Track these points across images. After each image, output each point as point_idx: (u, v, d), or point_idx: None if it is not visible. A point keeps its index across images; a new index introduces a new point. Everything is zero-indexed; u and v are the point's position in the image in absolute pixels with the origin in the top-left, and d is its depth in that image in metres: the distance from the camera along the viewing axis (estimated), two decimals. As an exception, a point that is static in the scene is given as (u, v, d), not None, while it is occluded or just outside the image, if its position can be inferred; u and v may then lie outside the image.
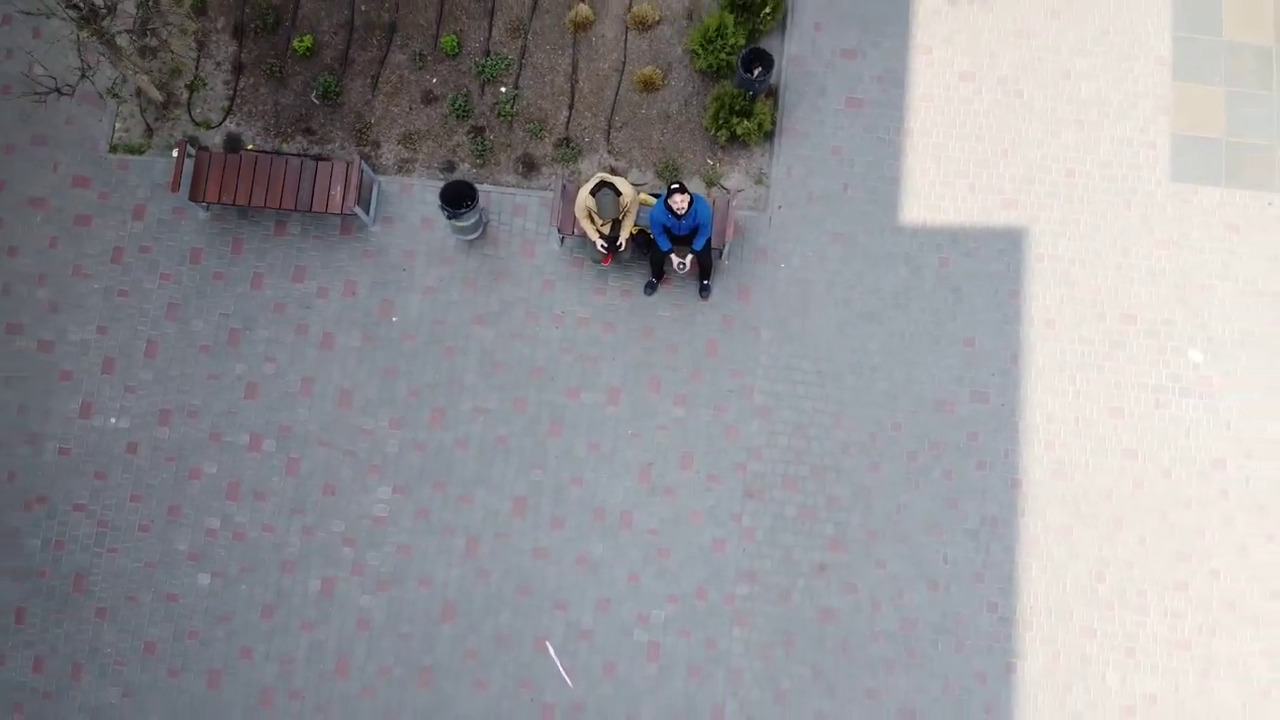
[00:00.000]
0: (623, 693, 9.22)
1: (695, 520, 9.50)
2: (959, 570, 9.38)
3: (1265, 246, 9.92)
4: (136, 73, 9.62)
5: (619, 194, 8.61)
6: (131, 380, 9.86)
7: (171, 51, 10.11)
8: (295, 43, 10.34)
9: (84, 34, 8.31)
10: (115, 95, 10.22)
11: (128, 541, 9.62)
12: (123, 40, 10.12)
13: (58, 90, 8.94)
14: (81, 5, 8.25)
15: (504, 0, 10.49)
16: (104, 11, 8.30)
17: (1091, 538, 9.43)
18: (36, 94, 9.40)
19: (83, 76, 8.81)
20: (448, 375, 9.78)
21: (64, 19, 9.58)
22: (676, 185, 8.53)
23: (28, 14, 9.93)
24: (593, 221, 8.93)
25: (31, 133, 10.33)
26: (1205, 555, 9.43)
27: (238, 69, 10.41)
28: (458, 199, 9.35)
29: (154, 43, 10.25)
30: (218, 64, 10.44)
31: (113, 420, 9.80)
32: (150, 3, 9.96)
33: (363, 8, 10.50)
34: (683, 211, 8.61)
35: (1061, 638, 9.26)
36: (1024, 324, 9.77)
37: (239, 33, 10.49)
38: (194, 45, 10.40)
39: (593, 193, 8.62)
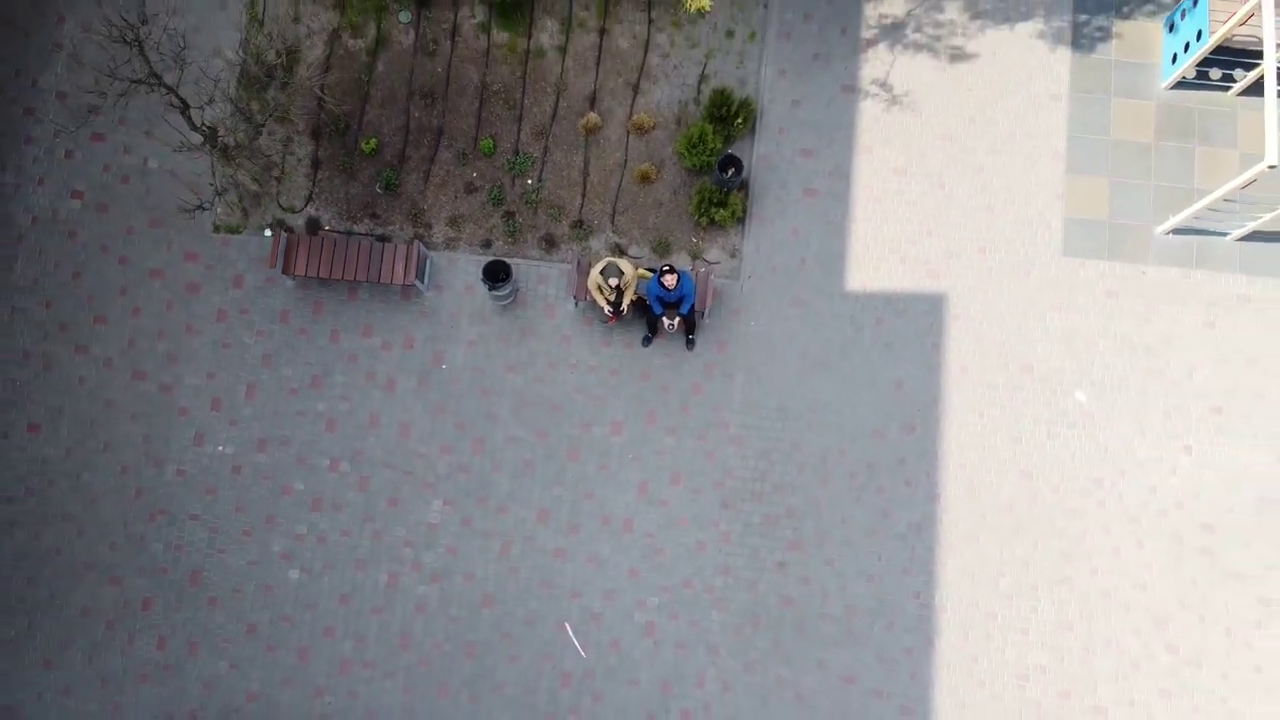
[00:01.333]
0: (625, 662, 11.78)
1: (683, 525, 12.08)
2: (890, 566, 11.94)
3: (1139, 308, 12.49)
4: (239, 170, 12.27)
5: (622, 273, 11.20)
6: (235, 416, 12.46)
7: (264, 154, 12.73)
8: (362, 144, 12.97)
9: (218, 161, 10.95)
10: (219, 191, 12.82)
11: (233, 544, 12.21)
12: (228, 140, 12.76)
13: (200, 207, 11.62)
14: (218, 141, 10.91)
15: (530, 109, 13.11)
16: (236, 148, 10.96)
17: (995, 542, 11.98)
18: (187, 210, 12.07)
19: (217, 194, 11.46)
20: (485, 411, 12.38)
21: (204, 151, 12.15)
22: (667, 267, 11.11)
23: (180, 149, 12.54)
24: (601, 292, 11.51)
25: (149, 216, 12.94)
26: (1086, 556, 11.98)
27: (316, 165, 13.04)
28: (495, 274, 11.96)
29: (251, 145, 12.88)
30: (299, 160, 13.06)
31: (220, 448, 12.40)
32: (249, 115, 12.56)
33: (416, 115, 13.13)
34: (672, 287, 11.19)
35: (970, 620, 11.81)
36: (943, 371, 12.35)
37: (316, 135, 13.12)
38: (281, 146, 13.03)
39: (601, 272, 11.21)
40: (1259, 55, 11.99)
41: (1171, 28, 12.88)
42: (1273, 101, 10.67)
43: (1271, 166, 10.48)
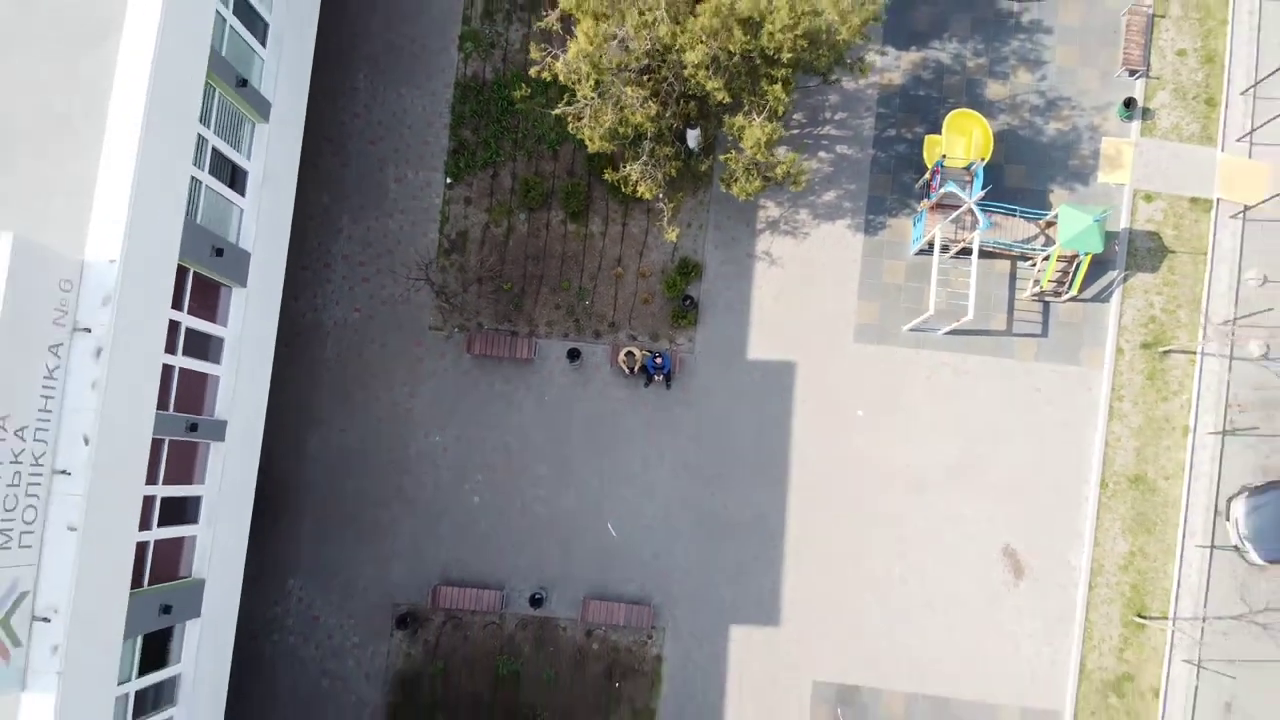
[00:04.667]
0: (632, 541, 24.76)
1: (667, 477, 25.00)
2: (773, 502, 24.85)
3: (891, 369, 25.28)
4: (444, 302, 25.18)
5: (633, 354, 24.10)
6: (443, 423, 25.42)
7: (455, 293, 25.57)
8: (505, 286, 25.85)
9: (435, 297, 23.91)
10: (441, 313, 25.68)
11: (443, 486, 25.17)
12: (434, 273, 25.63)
13: (436, 327, 24.61)
14: (438, 291, 23.86)
15: (586, 264, 25.95)
16: (456, 291, 23.91)
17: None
18: (445, 333, 25.02)
19: (454, 327, 24.44)
20: (566, 421, 25.29)
21: (430, 294, 25.01)
22: (658, 355, 23.98)
23: (411, 289, 25.52)
24: (624, 362, 24.39)
25: (396, 322, 25.80)
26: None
27: (479, 293, 25.92)
28: (572, 354, 24.87)
29: (447, 291, 25.71)
30: (466, 290, 25.93)
31: (436, 438, 25.34)
32: (444, 282, 25.35)
33: (529, 268, 25.98)
34: (659, 361, 24.07)
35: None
36: (794, 396, 25.22)
37: (480, 281, 26.00)
38: (460, 289, 25.90)
39: (625, 353, 24.13)
40: (946, 246, 24.69)
41: (914, 224, 25.63)
42: (934, 275, 23.48)
43: (967, 319, 23.32)
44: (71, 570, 15.83)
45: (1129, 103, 26.06)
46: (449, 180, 26.24)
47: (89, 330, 15.98)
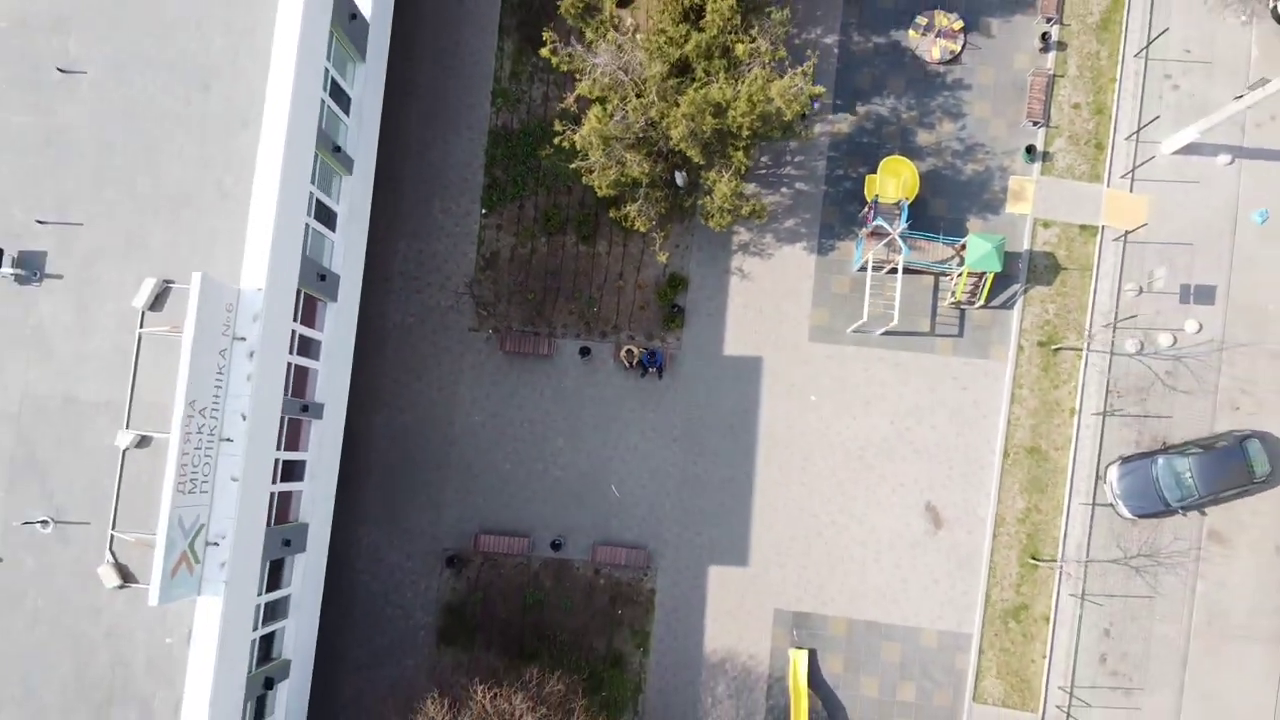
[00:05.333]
0: (631, 499, 31.44)
1: (660, 445, 31.64)
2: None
3: (837, 362, 31.89)
4: (482, 310, 31.75)
5: (633, 350, 30.71)
6: (482, 403, 32.04)
7: (490, 303, 32.12)
8: (529, 296, 32.37)
9: (477, 307, 30.50)
10: (480, 317, 32.25)
11: (483, 452, 31.81)
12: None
13: (474, 329, 31.24)
14: (477, 300, 30.45)
15: (594, 277, 32.47)
16: (491, 301, 30.51)
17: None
18: (482, 335, 31.61)
19: (489, 329, 31.08)
20: (578, 403, 31.92)
21: (470, 303, 31.55)
22: (652, 351, 30.57)
23: (455, 303, 32.17)
24: (624, 357, 30.99)
25: (442, 325, 32.36)
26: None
27: (509, 302, 32.47)
28: (584, 350, 31.48)
29: (486, 301, 32.20)
30: (499, 300, 32.47)
31: (476, 417, 31.95)
32: (485, 293, 31.88)
33: (549, 282, 32.48)
34: (654, 356, 30.67)
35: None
36: (761, 383, 31.83)
37: (509, 300, 32.56)
38: (493, 299, 32.45)
39: (626, 350, 30.74)
40: (878, 266, 31.13)
41: (856, 247, 32.12)
42: (868, 289, 30.03)
43: (891, 325, 29.90)
44: (233, 509, 22.49)
45: (1031, 148, 32.52)
46: (484, 210, 32.77)
47: (244, 339, 22.59)
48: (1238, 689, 31.45)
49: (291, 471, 26.31)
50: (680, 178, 30.85)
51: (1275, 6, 32.96)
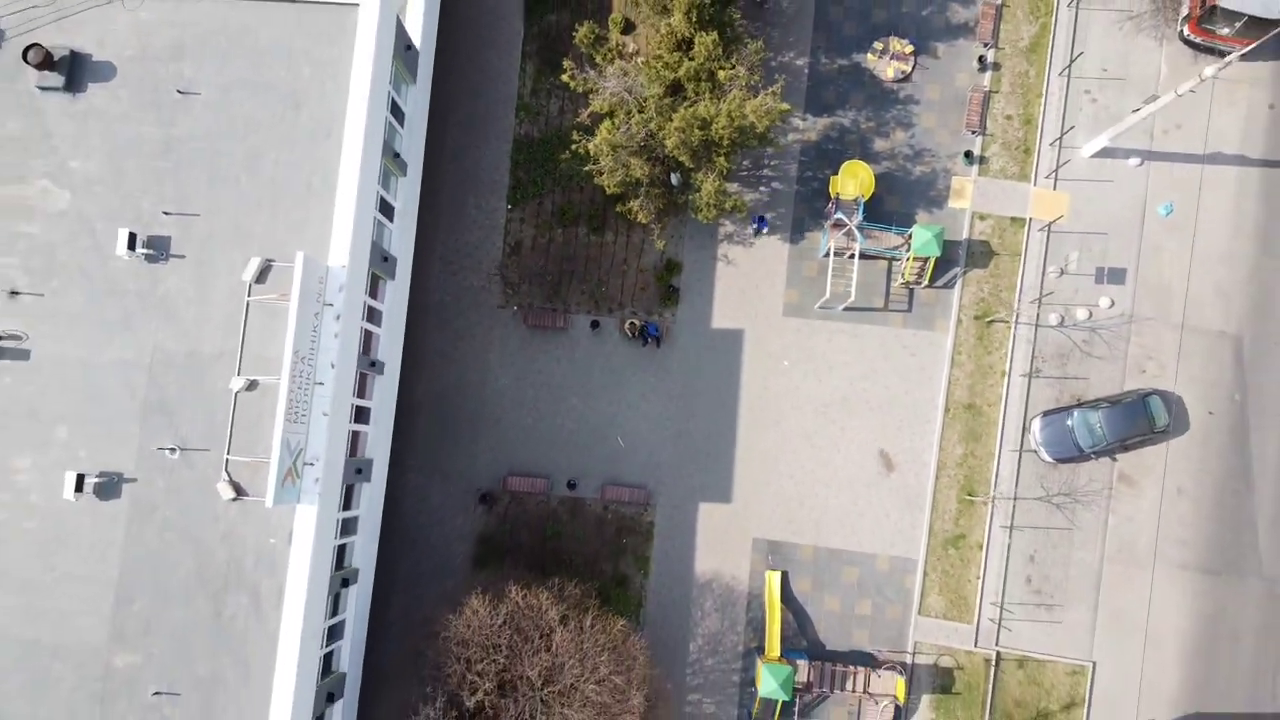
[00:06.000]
0: (635, 451, 37.80)
1: (657, 417, 37.97)
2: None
3: (806, 334, 38.23)
4: (509, 288, 38.06)
5: (635, 324, 37.03)
6: (510, 367, 38.39)
7: (513, 282, 38.41)
8: (547, 278, 38.71)
9: (506, 288, 36.85)
10: (507, 296, 38.58)
11: (510, 410, 38.13)
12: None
13: (502, 306, 37.60)
14: (505, 281, 36.81)
15: (603, 262, 38.78)
16: (515, 281, 36.85)
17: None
18: (508, 310, 37.95)
19: (514, 306, 37.42)
20: (589, 367, 38.29)
21: (499, 283, 37.89)
22: (651, 324, 36.89)
23: (486, 285, 38.49)
24: (628, 328, 37.30)
25: (476, 303, 38.66)
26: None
27: (531, 282, 38.79)
28: (594, 325, 37.82)
29: (510, 280, 38.50)
30: (522, 281, 38.78)
31: (502, 380, 38.26)
32: (512, 275, 38.15)
33: (565, 266, 38.79)
34: (653, 328, 36.99)
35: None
36: (743, 353, 38.18)
37: (531, 280, 38.87)
38: (518, 280, 38.76)
39: (629, 323, 37.08)
40: (840, 252, 37.43)
41: (823, 236, 38.40)
42: (830, 272, 36.39)
43: (847, 308, 36.29)
44: (324, 437, 28.76)
45: (969, 153, 38.90)
46: (509, 206, 39.08)
47: (331, 305, 28.87)
48: (1142, 606, 37.78)
49: (361, 415, 32.57)
50: (675, 178, 37.08)
51: (1182, 30, 39.32)
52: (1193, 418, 38.22)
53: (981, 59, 39.39)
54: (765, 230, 38.28)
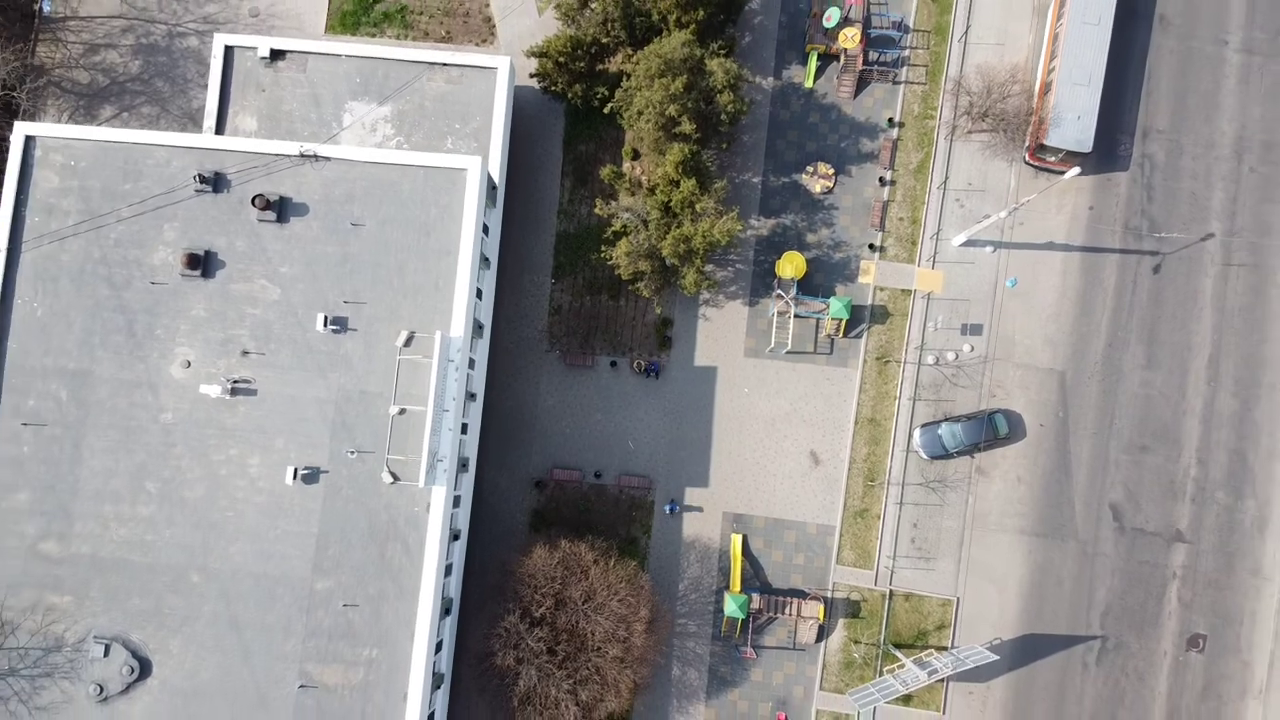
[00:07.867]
0: (642, 452, 55.60)
1: (656, 428, 55.66)
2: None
3: (768, 372, 55.96)
4: (555, 332, 55.76)
5: (641, 362, 54.69)
6: (551, 392, 56.01)
7: (556, 335, 56.06)
8: (579, 332, 56.37)
9: (550, 338, 54.60)
10: (550, 340, 56.26)
11: (556, 416, 55.82)
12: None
13: (552, 353, 55.42)
14: (551, 335, 54.55)
15: (619, 320, 56.40)
16: (559, 335, 54.62)
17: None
18: (555, 354, 55.70)
19: (557, 351, 55.22)
20: (606, 396, 55.95)
21: (547, 335, 55.52)
22: (653, 362, 54.54)
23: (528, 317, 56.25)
24: (636, 366, 54.94)
25: (520, 340, 56.28)
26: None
27: (568, 334, 56.43)
28: (613, 364, 55.49)
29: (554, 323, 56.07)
30: (563, 334, 56.41)
31: (549, 401, 55.90)
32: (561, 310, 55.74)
33: (592, 323, 56.43)
34: (654, 365, 54.64)
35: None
36: (717, 385, 55.88)
37: (569, 332, 56.55)
38: (560, 334, 56.40)
39: (636, 361, 54.75)
40: (782, 313, 55.02)
41: (771, 302, 56.05)
42: (774, 328, 54.12)
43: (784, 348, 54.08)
44: (450, 445, 46.45)
45: (873, 244, 56.60)
46: (553, 280, 56.70)
47: (452, 360, 46.51)
48: (995, 560, 55.53)
49: (463, 429, 50.24)
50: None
51: (1024, 157, 57.01)
52: (1029, 428, 55.94)
53: (882, 178, 57.11)
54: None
